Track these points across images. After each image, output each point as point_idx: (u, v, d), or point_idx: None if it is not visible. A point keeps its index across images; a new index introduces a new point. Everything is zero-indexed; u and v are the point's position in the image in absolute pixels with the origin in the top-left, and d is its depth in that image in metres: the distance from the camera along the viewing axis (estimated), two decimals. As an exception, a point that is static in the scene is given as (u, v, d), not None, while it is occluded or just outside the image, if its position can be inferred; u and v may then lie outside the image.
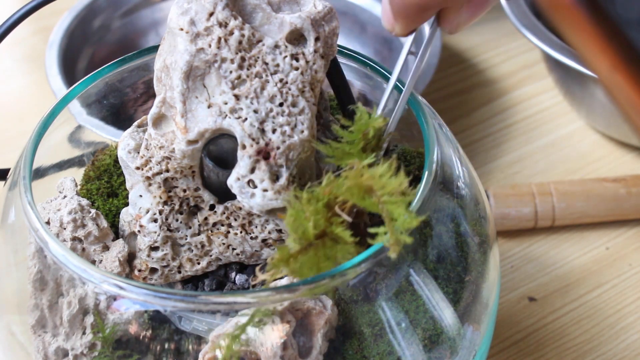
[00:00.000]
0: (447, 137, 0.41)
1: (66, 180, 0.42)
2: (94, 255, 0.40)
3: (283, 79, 0.36)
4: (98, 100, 0.44)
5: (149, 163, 0.38)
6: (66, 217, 0.40)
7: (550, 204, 0.61)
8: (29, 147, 0.39)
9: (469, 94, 0.75)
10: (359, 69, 0.43)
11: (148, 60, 0.43)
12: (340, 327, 0.37)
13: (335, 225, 0.33)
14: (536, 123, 0.72)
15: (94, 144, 0.47)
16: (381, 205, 0.33)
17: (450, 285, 0.39)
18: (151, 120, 0.37)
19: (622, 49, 0.24)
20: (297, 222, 0.33)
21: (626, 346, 0.55)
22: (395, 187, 0.33)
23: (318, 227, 0.33)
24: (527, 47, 0.79)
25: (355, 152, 0.35)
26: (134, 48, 0.74)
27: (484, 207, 0.43)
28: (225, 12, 0.36)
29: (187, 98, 0.36)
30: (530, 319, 0.57)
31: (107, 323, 0.37)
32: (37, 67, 0.76)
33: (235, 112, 0.36)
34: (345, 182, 0.34)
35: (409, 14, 0.36)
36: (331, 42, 0.38)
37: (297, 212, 0.34)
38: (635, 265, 0.60)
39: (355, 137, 0.36)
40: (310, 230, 0.33)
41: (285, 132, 0.36)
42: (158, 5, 0.76)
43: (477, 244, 0.41)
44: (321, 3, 0.38)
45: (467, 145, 0.70)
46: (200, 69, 0.36)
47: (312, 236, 0.33)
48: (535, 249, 0.61)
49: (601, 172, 0.67)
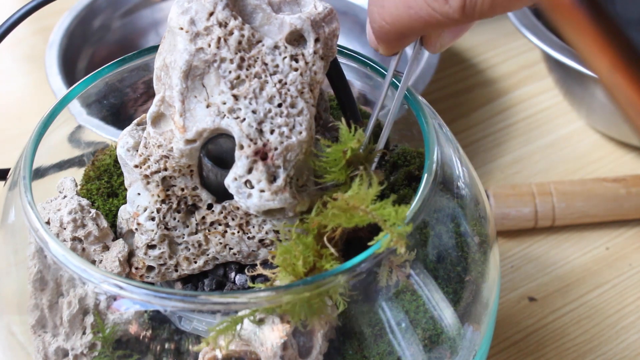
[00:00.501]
0: (447, 137, 0.41)
1: (66, 180, 0.42)
2: (94, 255, 0.40)
3: (282, 80, 0.36)
4: (98, 100, 0.44)
5: (148, 161, 0.38)
6: (66, 217, 0.40)
7: (550, 204, 0.61)
8: (29, 147, 0.39)
9: (469, 94, 0.75)
10: (359, 69, 0.43)
11: (148, 60, 0.43)
12: (340, 327, 0.37)
13: (325, 259, 0.35)
14: (536, 123, 0.72)
15: (94, 144, 0.47)
16: (370, 215, 0.33)
17: (450, 285, 0.39)
18: (150, 118, 0.37)
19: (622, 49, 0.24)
20: (286, 261, 0.35)
21: (626, 346, 0.55)
22: (371, 198, 0.34)
23: (307, 265, 0.35)
24: (527, 47, 0.79)
25: (337, 170, 0.36)
26: (134, 48, 0.74)
27: (484, 207, 0.43)
28: (225, 12, 0.36)
29: (185, 97, 0.36)
30: (530, 319, 0.57)
31: (107, 323, 0.37)
32: (37, 67, 0.77)
33: (233, 112, 0.36)
34: (332, 211, 0.35)
35: (389, 40, 0.37)
36: (331, 44, 0.38)
37: (286, 251, 0.35)
38: (635, 265, 0.60)
39: (336, 156, 0.36)
40: (299, 268, 0.34)
41: (284, 133, 0.36)
42: (158, 5, 0.76)
43: (477, 244, 0.41)
44: (321, 4, 0.38)
45: (467, 145, 0.70)
46: (200, 68, 0.36)
47: (302, 273, 0.34)
48: (535, 249, 0.61)
49: (601, 172, 0.67)
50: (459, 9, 0.32)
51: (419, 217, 0.36)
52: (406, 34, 0.36)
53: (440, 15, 0.33)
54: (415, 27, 0.34)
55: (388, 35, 0.36)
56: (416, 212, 0.35)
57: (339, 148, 0.36)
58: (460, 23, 0.33)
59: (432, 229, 0.38)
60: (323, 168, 0.37)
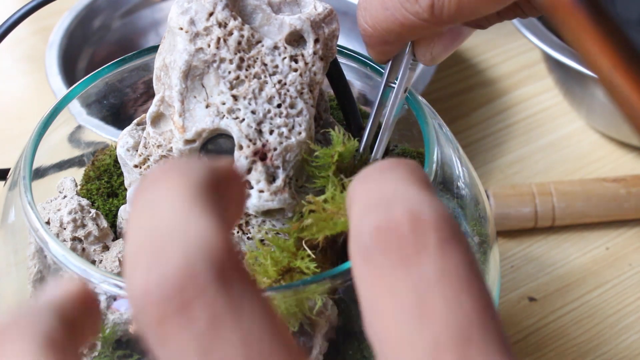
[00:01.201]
0: (447, 137, 0.41)
1: (66, 180, 0.42)
2: (94, 255, 0.40)
3: (282, 80, 0.36)
4: (98, 100, 0.44)
5: (147, 161, 0.38)
6: (66, 217, 0.39)
7: (550, 204, 0.61)
8: (29, 147, 0.39)
9: (469, 94, 0.75)
10: (359, 69, 0.43)
11: (148, 60, 0.43)
12: (340, 327, 0.37)
13: (302, 260, 0.35)
14: (536, 123, 0.72)
15: (94, 144, 0.47)
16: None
17: (450, 285, 0.39)
18: (149, 118, 0.37)
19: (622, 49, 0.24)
20: (256, 264, 0.35)
21: (626, 346, 0.55)
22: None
23: (278, 264, 0.34)
24: (527, 47, 0.79)
25: (327, 175, 0.36)
26: (134, 48, 0.74)
27: (484, 207, 0.43)
28: (225, 13, 0.36)
29: (185, 97, 0.36)
30: (530, 319, 0.57)
31: (107, 323, 0.37)
32: (37, 67, 0.76)
33: (232, 112, 0.36)
34: (315, 221, 0.35)
35: (373, 44, 0.37)
36: (331, 44, 0.38)
37: (251, 256, 0.35)
38: (635, 265, 0.60)
39: (324, 161, 0.36)
40: (269, 269, 0.34)
41: (283, 134, 0.36)
42: (158, 5, 0.76)
43: (477, 244, 0.41)
44: (321, 5, 0.38)
45: (467, 145, 0.70)
46: (199, 68, 0.36)
47: (274, 274, 0.35)
48: (535, 249, 0.61)
49: (601, 172, 0.67)
50: (428, 8, 0.33)
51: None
52: (387, 38, 0.36)
53: (412, 15, 0.34)
54: (393, 29, 0.35)
55: (371, 39, 0.37)
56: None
57: (327, 152, 0.36)
58: (432, 25, 0.34)
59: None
60: (312, 172, 0.37)
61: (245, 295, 0.19)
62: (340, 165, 0.36)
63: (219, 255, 0.19)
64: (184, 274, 0.19)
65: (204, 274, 0.19)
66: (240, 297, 0.19)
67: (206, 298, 0.18)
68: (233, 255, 0.19)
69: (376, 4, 0.35)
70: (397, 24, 0.35)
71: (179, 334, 0.18)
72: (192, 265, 0.19)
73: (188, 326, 0.18)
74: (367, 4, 0.36)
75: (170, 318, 0.18)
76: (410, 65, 0.39)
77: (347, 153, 0.36)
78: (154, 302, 0.19)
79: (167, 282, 0.19)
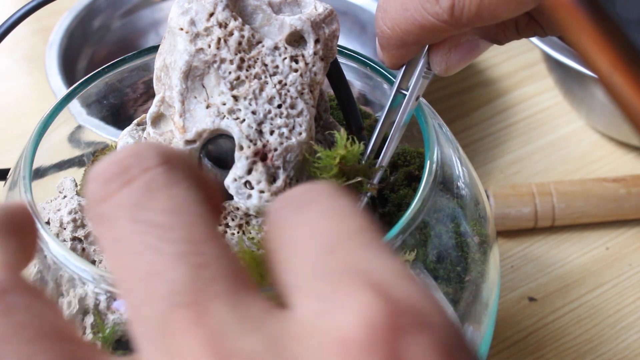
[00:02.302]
0: (447, 137, 0.41)
1: (66, 180, 0.42)
2: (94, 255, 0.40)
3: (282, 81, 0.36)
4: (98, 100, 0.44)
5: (149, 163, 0.38)
6: (66, 217, 0.40)
7: (550, 204, 0.61)
8: (29, 147, 0.39)
9: (469, 94, 0.75)
10: (359, 69, 0.43)
11: (148, 60, 0.43)
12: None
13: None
14: (536, 123, 0.72)
15: (94, 144, 0.47)
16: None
17: (450, 285, 0.39)
18: (150, 119, 0.37)
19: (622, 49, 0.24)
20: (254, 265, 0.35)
21: (626, 346, 0.55)
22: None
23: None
24: (527, 47, 0.79)
25: (329, 177, 0.36)
26: (134, 48, 0.74)
27: (484, 207, 0.43)
28: (225, 13, 0.36)
29: (185, 98, 0.36)
30: (530, 319, 0.57)
31: (107, 323, 0.37)
32: (37, 67, 0.76)
33: (233, 112, 0.36)
34: None
35: (390, 47, 0.37)
36: (331, 45, 0.38)
37: (253, 256, 0.35)
38: (635, 265, 0.60)
39: (326, 163, 0.36)
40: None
41: (283, 134, 0.36)
42: (158, 5, 0.76)
43: (477, 244, 0.41)
44: (322, 5, 0.38)
45: (467, 145, 0.70)
46: (200, 69, 0.36)
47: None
48: (535, 249, 0.61)
49: (601, 172, 0.67)
50: (448, 9, 0.33)
51: (419, 217, 0.35)
52: (406, 41, 0.36)
53: (432, 17, 0.34)
54: (412, 31, 0.35)
55: (389, 42, 0.37)
56: (416, 212, 0.35)
57: (330, 154, 0.36)
58: (451, 27, 0.34)
59: (432, 229, 0.38)
60: (314, 173, 0.37)
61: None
62: (344, 168, 0.36)
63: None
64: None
65: None
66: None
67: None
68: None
69: (396, 5, 0.35)
70: (416, 25, 0.35)
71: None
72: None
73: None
74: (386, 5, 0.36)
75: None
76: (424, 74, 0.38)
77: (350, 157, 0.36)
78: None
79: None
